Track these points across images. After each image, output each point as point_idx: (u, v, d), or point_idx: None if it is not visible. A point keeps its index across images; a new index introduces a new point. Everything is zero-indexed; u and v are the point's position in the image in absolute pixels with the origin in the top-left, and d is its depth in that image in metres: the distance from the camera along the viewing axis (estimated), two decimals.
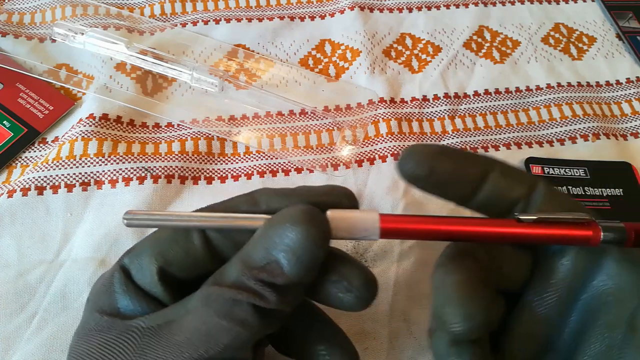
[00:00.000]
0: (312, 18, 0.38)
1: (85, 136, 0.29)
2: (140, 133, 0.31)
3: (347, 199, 0.18)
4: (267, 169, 0.30)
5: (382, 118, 0.32)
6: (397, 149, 0.31)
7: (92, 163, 0.29)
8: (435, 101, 0.34)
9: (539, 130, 0.34)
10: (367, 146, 0.32)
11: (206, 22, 0.36)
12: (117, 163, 0.29)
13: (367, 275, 0.17)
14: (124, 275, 0.18)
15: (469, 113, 0.34)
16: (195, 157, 0.30)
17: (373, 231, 0.17)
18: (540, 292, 0.17)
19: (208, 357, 0.15)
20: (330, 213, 0.17)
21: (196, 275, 0.18)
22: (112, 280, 0.18)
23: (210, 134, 0.31)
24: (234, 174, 0.30)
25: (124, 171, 0.29)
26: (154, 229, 0.19)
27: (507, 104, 0.35)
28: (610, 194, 0.30)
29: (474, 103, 0.35)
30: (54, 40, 0.34)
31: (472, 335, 0.16)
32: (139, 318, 0.17)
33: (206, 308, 0.16)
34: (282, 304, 0.16)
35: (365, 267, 0.18)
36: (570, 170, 0.31)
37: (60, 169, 0.28)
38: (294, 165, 0.30)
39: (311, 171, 0.30)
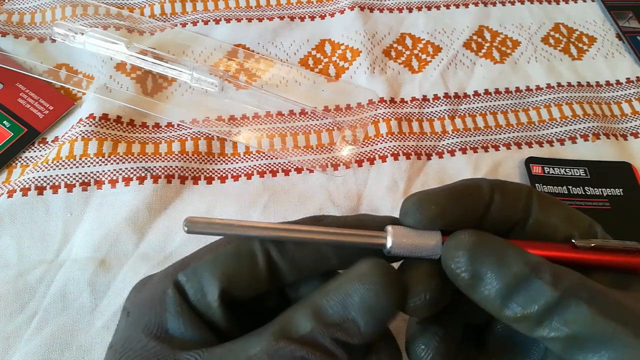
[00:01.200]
0: (312, 18, 0.38)
1: (85, 136, 0.29)
2: (140, 133, 0.31)
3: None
4: (267, 169, 0.30)
5: (382, 118, 0.32)
6: (397, 149, 0.31)
7: (92, 163, 0.29)
8: (435, 101, 0.34)
9: (539, 130, 0.34)
10: (367, 146, 0.31)
11: (206, 22, 0.36)
12: (117, 163, 0.29)
13: (397, 354, 0.17)
14: (179, 294, 0.16)
15: (469, 113, 0.34)
16: (195, 157, 0.30)
17: (435, 250, 0.16)
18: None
19: None
20: (391, 229, 0.16)
21: (255, 295, 0.17)
22: (164, 298, 0.16)
23: (210, 134, 0.31)
24: (234, 174, 0.30)
25: (124, 171, 0.29)
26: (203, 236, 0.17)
27: (507, 104, 0.35)
28: (610, 193, 0.30)
29: (474, 103, 0.35)
30: (54, 40, 0.34)
31: (420, 313, 0.16)
32: (191, 352, 0.15)
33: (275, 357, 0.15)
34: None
35: (397, 345, 0.17)
36: (570, 170, 0.31)
37: (60, 169, 0.28)
38: (294, 165, 0.30)
39: (311, 171, 0.30)
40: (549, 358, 0.17)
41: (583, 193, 0.30)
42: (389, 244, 0.16)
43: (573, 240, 0.17)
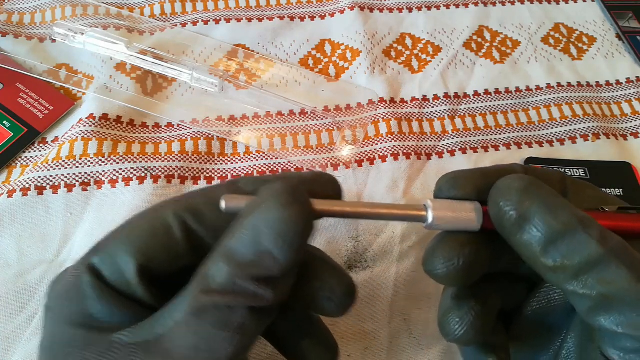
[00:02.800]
0: (312, 18, 0.38)
1: (85, 136, 0.29)
2: (140, 133, 0.31)
3: (332, 186, 0.17)
4: (267, 169, 0.30)
5: (382, 118, 0.32)
6: (397, 149, 0.31)
7: (92, 163, 0.29)
8: (435, 101, 0.34)
9: (539, 130, 0.34)
10: (367, 146, 0.32)
11: (206, 22, 0.36)
12: (117, 163, 0.29)
13: (348, 283, 0.17)
14: (95, 277, 0.16)
15: (469, 113, 0.34)
16: (195, 157, 0.30)
17: (476, 222, 0.16)
18: (552, 287, 0.18)
19: None
20: (431, 202, 0.16)
21: (177, 268, 0.16)
22: (79, 284, 0.16)
23: (210, 134, 0.31)
24: (234, 174, 0.30)
25: (124, 171, 0.29)
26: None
27: (507, 104, 0.35)
28: (610, 193, 0.30)
29: (474, 103, 0.35)
30: (54, 40, 0.34)
31: (451, 281, 0.16)
32: (121, 332, 0.15)
33: (199, 320, 0.14)
34: (280, 297, 0.15)
35: (346, 273, 0.17)
36: (570, 170, 0.31)
37: (60, 169, 0.28)
38: (294, 165, 0.30)
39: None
40: (570, 341, 0.17)
41: None
42: (429, 218, 0.16)
43: (601, 206, 0.17)
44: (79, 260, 0.16)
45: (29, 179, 0.28)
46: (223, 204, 0.15)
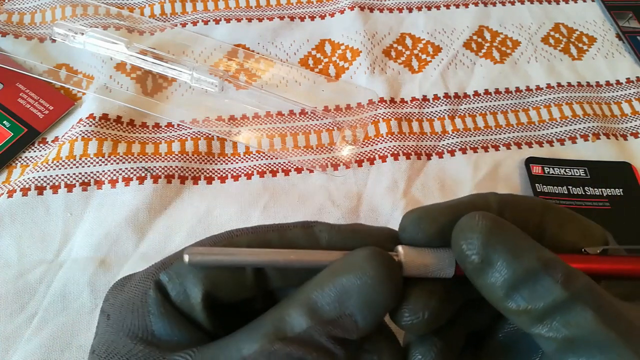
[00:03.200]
0: (312, 18, 0.38)
1: (85, 136, 0.29)
2: (140, 133, 0.31)
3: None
4: (267, 169, 0.30)
5: (382, 118, 0.32)
6: (397, 149, 0.31)
7: (92, 163, 0.29)
8: (435, 101, 0.34)
9: (539, 130, 0.34)
10: (367, 146, 0.31)
11: (206, 22, 0.36)
12: (117, 163, 0.29)
13: (399, 356, 0.17)
14: (161, 295, 0.16)
15: (469, 113, 0.34)
16: (195, 157, 0.30)
17: (448, 270, 0.16)
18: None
19: None
20: (402, 250, 0.16)
21: (240, 299, 0.16)
22: (145, 299, 0.16)
23: (210, 134, 0.31)
24: (234, 174, 0.30)
25: (124, 171, 0.29)
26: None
27: (507, 104, 0.35)
28: (610, 194, 0.30)
29: (474, 103, 0.35)
30: (54, 40, 0.34)
31: (416, 331, 0.16)
32: (180, 353, 0.15)
33: None
34: (349, 357, 0.15)
35: (399, 344, 0.17)
36: (570, 170, 0.31)
37: (60, 169, 0.28)
38: (294, 165, 0.30)
39: (311, 171, 0.30)
40: None
41: (583, 193, 0.30)
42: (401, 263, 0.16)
43: (584, 249, 0.17)
44: (147, 271, 0.17)
45: (29, 179, 0.28)
46: (186, 258, 0.15)
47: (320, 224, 0.17)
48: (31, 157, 0.30)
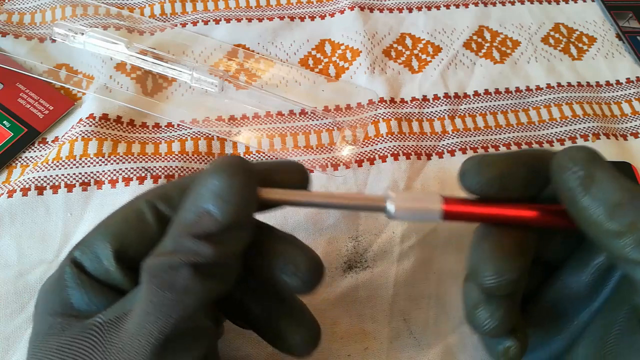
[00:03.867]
0: (312, 18, 0.38)
1: (85, 136, 0.29)
2: (140, 133, 0.31)
3: (298, 174, 0.18)
4: None
5: (382, 118, 0.32)
6: (397, 149, 0.31)
7: (92, 163, 0.29)
8: (435, 101, 0.34)
9: (539, 130, 0.34)
10: (367, 146, 0.32)
11: (206, 22, 0.36)
12: (117, 163, 0.29)
13: (314, 260, 0.17)
14: (77, 269, 0.17)
15: (469, 113, 0.34)
16: (195, 157, 0.30)
17: (435, 213, 0.17)
18: (576, 271, 0.18)
19: (165, 337, 0.14)
20: (392, 193, 0.17)
21: (148, 251, 0.17)
22: (62, 276, 0.17)
23: (210, 134, 0.31)
24: None
25: (124, 171, 0.29)
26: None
27: (507, 104, 0.35)
28: None
29: (474, 103, 0.35)
30: (54, 40, 0.34)
31: (501, 291, 0.16)
32: (97, 315, 0.15)
33: (149, 285, 0.15)
34: (219, 255, 0.15)
35: (313, 252, 0.17)
36: None
37: (60, 169, 0.28)
38: None
39: (311, 171, 0.30)
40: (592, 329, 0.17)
41: None
42: (392, 209, 0.17)
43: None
44: (67, 255, 0.17)
45: (29, 179, 0.28)
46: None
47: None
48: (31, 157, 0.30)
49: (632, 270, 0.15)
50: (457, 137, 0.33)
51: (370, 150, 0.31)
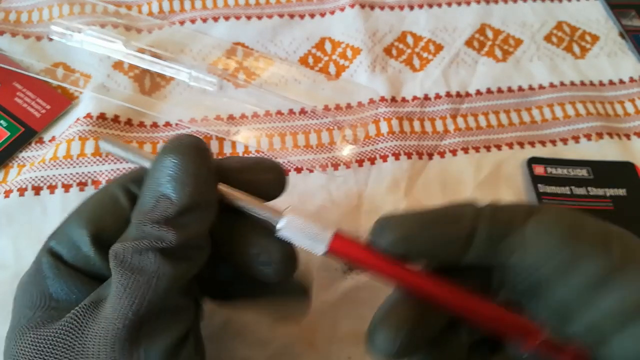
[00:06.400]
0: (312, 16, 0.37)
1: (83, 135, 0.29)
2: (138, 132, 0.31)
3: (273, 173, 0.18)
4: None
5: (383, 117, 0.32)
6: (398, 149, 0.31)
7: (89, 163, 0.28)
8: (437, 100, 0.34)
9: (542, 130, 0.33)
10: (368, 145, 0.31)
11: (205, 20, 0.36)
12: (115, 163, 0.29)
13: (287, 250, 0.17)
14: (54, 258, 0.16)
15: (471, 112, 0.34)
16: None
17: (321, 244, 0.16)
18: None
19: (139, 318, 0.14)
20: (288, 215, 0.17)
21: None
22: (40, 268, 0.16)
23: (208, 134, 0.31)
24: None
25: (121, 171, 0.28)
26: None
27: (509, 103, 0.34)
28: (613, 194, 0.30)
29: (476, 102, 0.34)
30: (51, 39, 0.34)
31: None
32: (77, 306, 0.15)
33: (118, 269, 0.15)
34: (184, 237, 0.15)
35: (287, 243, 0.17)
36: (573, 170, 0.31)
37: (57, 168, 0.28)
38: (294, 165, 0.30)
39: (311, 171, 0.30)
40: None
41: (586, 193, 0.30)
42: (278, 227, 0.17)
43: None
44: (42, 247, 0.17)
45: (25, 179, 0.27)
46: (101, 144, 0.17)
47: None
48: (28, 156, 0.29)
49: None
50: (459, 137, 0.32)
51: (371, 150, 0.31)
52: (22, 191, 0.27)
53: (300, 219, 0.17)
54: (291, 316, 0.18)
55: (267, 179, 0.18)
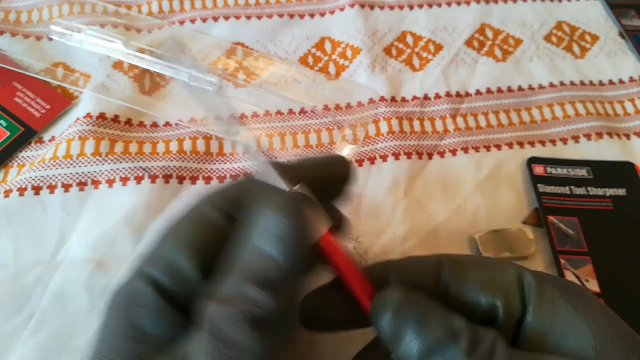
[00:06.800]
0: (312, 16, 0.37)
1: (83, 136, 0.29)
2: (138, 132, 0.31)
3: (341, 167, 0.19)
4: None
5: (383, 117, 0.32)
6: (399, 149, 0.31)
7: (89, 163, 0.28)
8: (437, 100, 0.34)
9: (542, 130, 0.33)
10: (368, 145, 0.31)
11: (205, 20, 0.36)
12: (115, 163, 0.29)
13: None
14: (156, 291, 0.15)
15: (471, 112, 0.34)
16: (194, 157, 0.30)
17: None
18: None
19: None
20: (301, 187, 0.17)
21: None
22: (136, 297, 0.16)
23: (208, 134, 0.31)
24: (233, 173, 0.30)
25: (121, 171, 0.28)
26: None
27: (509, 103, 0.34)
28: (613, 194, 0.30)
29: (476, 102, 0.34)
30: (51, 39, 0.34)
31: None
32: (166, 356, 0.15)
33: (210, 338, 0.14)
34: (278, 304, 0.15)
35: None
36: (573, 170, 0.31)
37: (57, 168, 0.28)
38: None
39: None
40: None
41: (586, 193, 0.30)
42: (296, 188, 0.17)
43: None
44: (134, 271, 0.16)
45: (25, 179, 0.27)
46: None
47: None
48: (28, 156, 0.29)
49: None
50: (459, 137, 0.32)
51: (371, 150, 0.31)
52: (22, 191, 0.27)
53: (312, 197, 0.17)
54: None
55: (344, 173, 0.19)
